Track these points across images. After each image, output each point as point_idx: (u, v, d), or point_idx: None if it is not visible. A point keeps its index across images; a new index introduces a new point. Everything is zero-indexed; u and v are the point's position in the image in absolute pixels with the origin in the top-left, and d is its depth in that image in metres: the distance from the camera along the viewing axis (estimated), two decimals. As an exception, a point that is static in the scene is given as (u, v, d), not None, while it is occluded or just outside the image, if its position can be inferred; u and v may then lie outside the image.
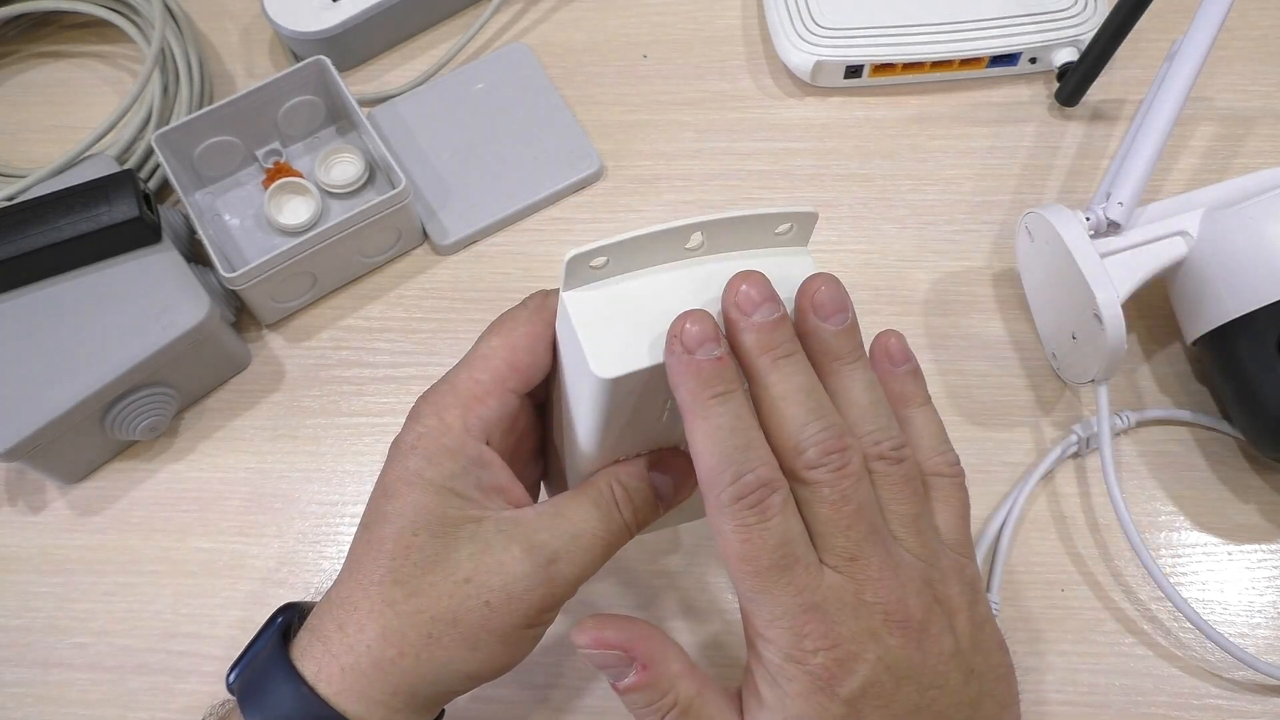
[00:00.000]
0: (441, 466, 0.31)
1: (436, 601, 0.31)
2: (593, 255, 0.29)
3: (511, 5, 0.60)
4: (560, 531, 0.32)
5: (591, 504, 0.32)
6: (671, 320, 0.29)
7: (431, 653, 0.31)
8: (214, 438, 0.50)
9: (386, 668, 0.31)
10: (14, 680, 0.45)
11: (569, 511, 0.32)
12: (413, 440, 0.32)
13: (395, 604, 0.31)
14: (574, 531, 0.32)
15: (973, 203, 0.54)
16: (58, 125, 0.57)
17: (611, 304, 0.29)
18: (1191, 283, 0.46)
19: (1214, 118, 0.55)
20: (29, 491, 0.49)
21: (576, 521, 0.32)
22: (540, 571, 0.31)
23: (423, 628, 0.31)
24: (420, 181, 0.54)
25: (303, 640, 0.32)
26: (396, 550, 0.31)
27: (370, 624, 0.31)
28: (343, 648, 0.31)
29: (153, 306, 0.45)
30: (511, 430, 0.34)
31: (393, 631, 0.31)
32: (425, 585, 0.31)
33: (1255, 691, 0.43)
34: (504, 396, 0.32)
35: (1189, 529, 0.47)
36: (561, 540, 0.31)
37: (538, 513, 0.32)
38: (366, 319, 0.52)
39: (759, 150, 0.55)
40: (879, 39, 0.55)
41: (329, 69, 0.51)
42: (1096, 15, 0.55)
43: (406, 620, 0.31)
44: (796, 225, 0.31)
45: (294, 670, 0.31)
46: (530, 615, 0.31)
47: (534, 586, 0.31)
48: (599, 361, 0.29)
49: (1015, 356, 0.50)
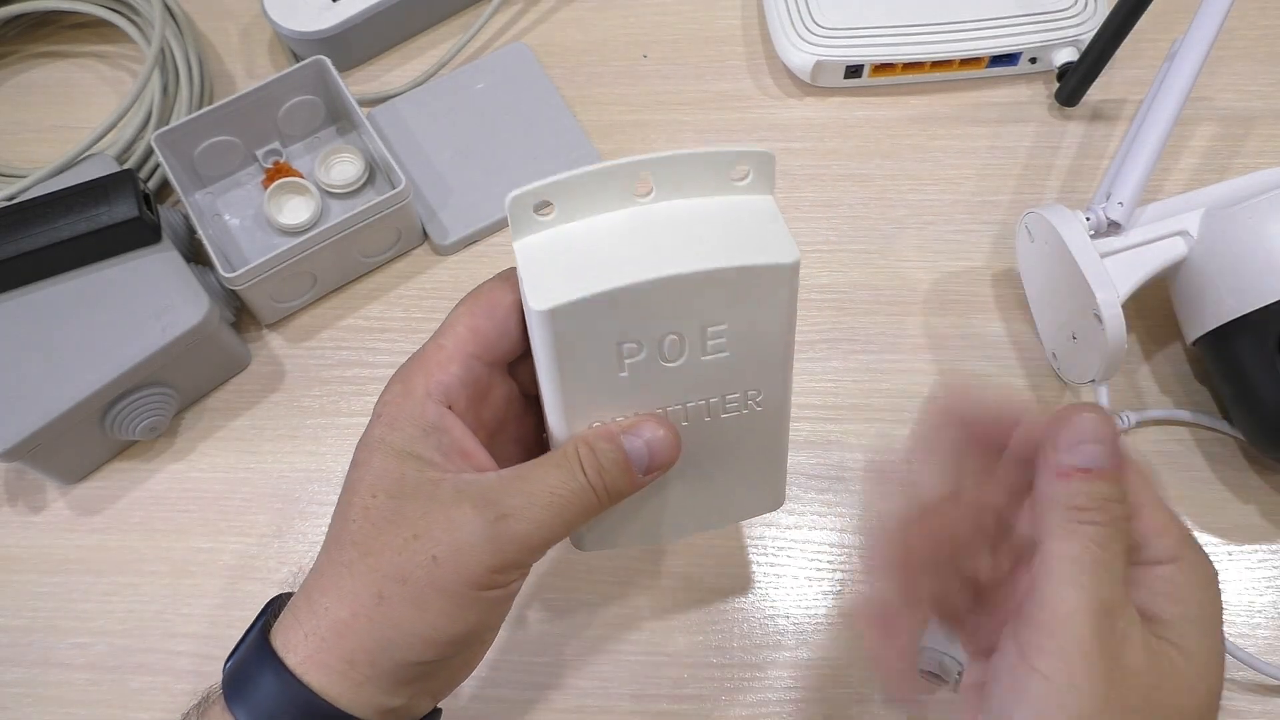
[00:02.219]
0: (402, 431, 0.32)
1: (387, 559, 0.30)
2: (534, 197, 0.29)
3: (511, 5, 0.60)
4: (515, 490, 0.31)
5: (553, 464, 0.32)
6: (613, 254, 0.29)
7: (382, 613, 0.30)
8: (214, 438, 0.50)
9: (342, 630, 0.30)
10: (14, 680, 0.45)
11: (529, 472, 0.32)
12: (379, 409, 0.33)
13: (351, 564, 0.31)
14: (529, 490, 0.31)
15: (973, 203, 0.54)
16: (58, 125, 0.57)
17: (554, 244, 0.30)
18: (1191, 283, 0.46)
19: (1214, 118, 0.55)
20: (29, 491, 0.49)
21: (533, 480, 0.31)
22: (489, 527, 0.30)
23: (373, 586, 0.30)
24: (420, 181, 0.54)
25: (280, 619, 0.32)
26: (357, 514, 0.31)
27: (330, 588, 0.31)
28: (307, 614, 0.31)
29: (153, 306, 0.45)
30: (482, 401, 0.34)
31: (346, 592, 0.31)
32: (377, 544, 0.31)
33: (1255, 691, 0.43)
34: (466, 362, 0.32)
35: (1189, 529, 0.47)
36: (516, 498, 0.31)
37: (499, 475, 0.32)
38: (366, 319, 0.52)
39: (759, 150, 0.55)
40: (879, 39, 0.55)
41: (329, 69, 0.51)
42: (1096, 15, 0.55)
43: (359, 580, 0.31)
44: (754, 169, 0.31)
45: (270, 648, 0.31)
46: (479, 574, 0.31)
47: (481, 542, 0.30)
48: (536, 295, 0.29)
49: (1015, 356, 0.50)
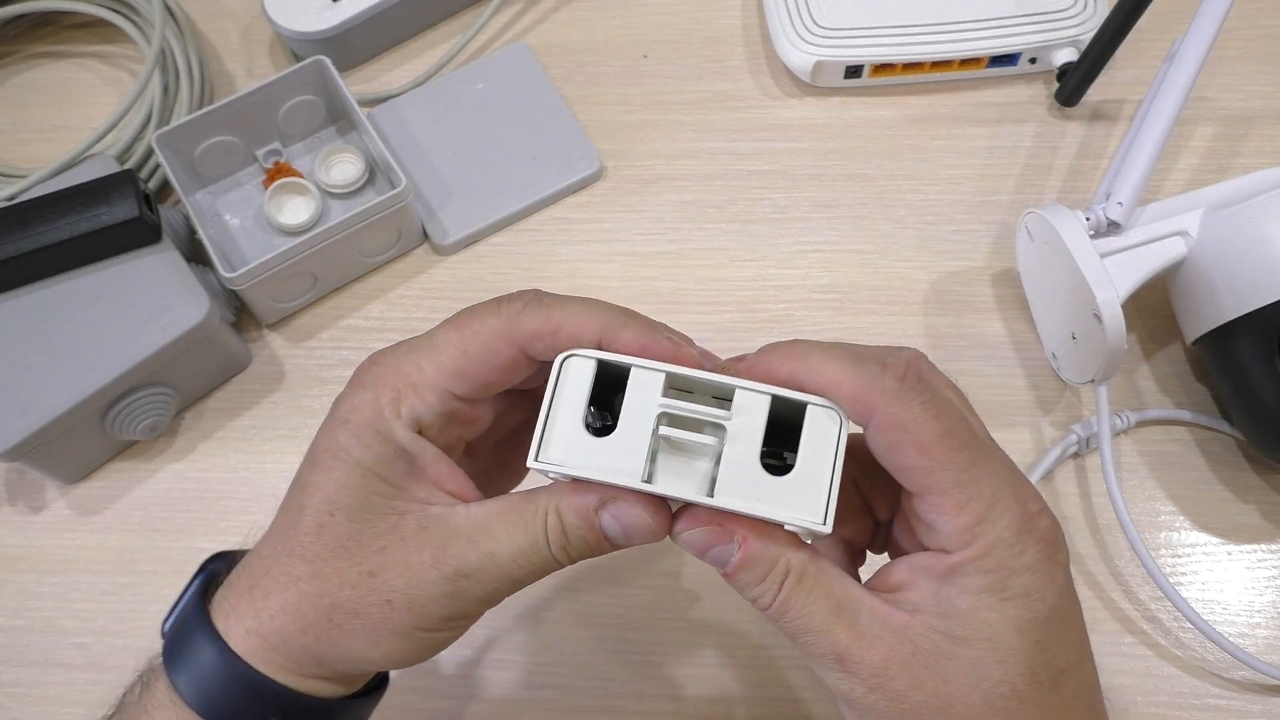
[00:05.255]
0: (370, 448, 0.30)
1: (339, 589, 0.29)
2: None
3: (511, 5, 0.60)
4: (478, 548, 0.29)
5: (521, 527, 0.29)
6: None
7: (332, 637, 0.30)
8: (214, 438, 0.50)
9: (289, 640, 0.30)
10: (14, 680, 0.45)
11: (495, 527, 0.30)
12: (346, 412, 0.30)
13: (299, 581, 0.30)
14: (492, 551, 0.29)
15: (973, 203, 0.54)
16: (58, 125, 0.57)
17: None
18: (1191, 283, 0.46)
19: (1214, 118, 0.55)
20: (29, 491, 0.49)
21: (499, 542, 0.29)
22: (447, 584, 0.29)
23: (323, 612, 0.29)
24: (420, 181, 0.54)
25: (220, 594, 0.31)
26: (311, 526, 0.30)
27: (275, 594, 0.30)
28: (249, 610, 0.30)
29: (153, 306, 0.45)
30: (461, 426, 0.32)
31: (293, 608, 0.30)
32: (330, 570, 0.29)
33: (1255, 691, 0.43)
34: (442, 395, 0.30)
35: (1189, 529, 0.47)
36: (476, 558, 0.29)
37: (466, 515, 0.30)
38: (366, 319, 0.52)
39: (759, 150, 0.55)
40: (879, 39, 0.55)
41: (329, 69, 0.51)
42: (1096, 15, 0.55)
43: (307, 601, 0.30)
44: None
45: (211, 626, 0.30)
46: (433, 622, 0.30)
47: (438, 598, 0.29)
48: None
49: (1015, 356, 0.50)
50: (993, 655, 0.27)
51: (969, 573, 0.27)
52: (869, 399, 0.27)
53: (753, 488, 0.27)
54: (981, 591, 0.27)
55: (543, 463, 0.28)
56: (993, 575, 0.27)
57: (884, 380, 0.27)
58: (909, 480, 0.27)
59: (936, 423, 0.27)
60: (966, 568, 0.27)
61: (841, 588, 0.28)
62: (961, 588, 0.27)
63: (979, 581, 0.27)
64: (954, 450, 0.27)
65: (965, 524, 0.27)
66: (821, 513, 0.27)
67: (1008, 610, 0.27)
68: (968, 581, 0.27)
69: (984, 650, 0.27)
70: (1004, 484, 0.27)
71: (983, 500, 0.27)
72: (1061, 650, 0.27)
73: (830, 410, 0.28)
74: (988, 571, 0.27)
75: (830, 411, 0.28)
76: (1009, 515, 0.27)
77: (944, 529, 0.27)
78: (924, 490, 0.27)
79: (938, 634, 0.27)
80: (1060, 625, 0.27)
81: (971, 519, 0.27)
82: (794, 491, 0.27)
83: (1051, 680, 0.27)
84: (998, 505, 0.27)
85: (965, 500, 0.27)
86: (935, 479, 0.27)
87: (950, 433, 0.27)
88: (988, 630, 0.27)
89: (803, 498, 0.27)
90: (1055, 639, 0.27)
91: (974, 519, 0.27)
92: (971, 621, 0.27)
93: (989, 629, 0.27)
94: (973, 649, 0.27)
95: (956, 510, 0.27)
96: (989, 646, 0.27)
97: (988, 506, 0.27)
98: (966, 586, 0.27)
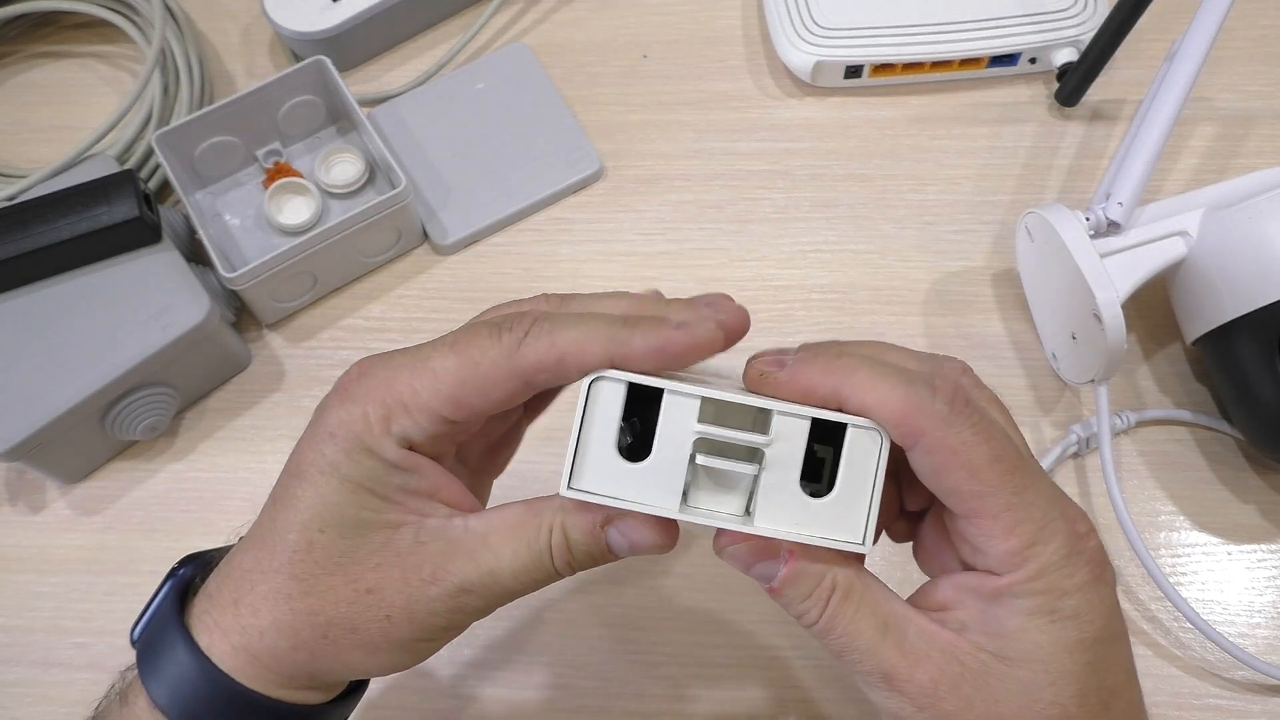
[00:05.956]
0: (359, 464, 0.29)
1: (334, 606, 0.29)
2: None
3: (511, 5, 0.60)
4: (479, 564, 0.29)
5: (525, 543, 0.29)
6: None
7: (329, 651, 0.29)
8: (214, 438, 0.50)
9: (281, 656, 0.29)
10: (14, 680, 0.45)
11: (496, 542, 0.29)
12: (333, 425, 0.30)
13: (291, 599, 0.29)
14: (493, 568, 0.29)
15: (973, 203, 0.54)
16: (58, 125, 0.57)
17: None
18: (1191, 283, 0.46)
19: (1214, 118, 0.55)
20: (29, 491, 0.49)
21: (501, 557, 0.29)
22: (448, 599, 0.29)
23: (318, 629, 0.29)
24: (420, 181, 0.54)
25: (200, 606, 0.30)
26: (299, 543, 0.29)
27: (265, 611, 0.29)
28: (236, 626, 0.29)
29: (153, 306, 0.45)
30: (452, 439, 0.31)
31: (286, 626, 0.29)
32: (324, 587, 0.29)
33: (1255, 691, 0.43)
34: (435, 419, 0.29)
35: (1189, 529, 0.47)
36: (477, 574, 0.29)
37: (465, 528, 0.29)
38: (366, 319, 0.52)
39: (759, 150, 0.55)
40: (879, 39, 0.55)
41: (329, 69, 0.51)
42: (1096, 15, 0.55)
43: (301, 618, 0.29)
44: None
45: (192, 641, 0.29)
46: (433, 633, 0.30)
47: (439, 612, 0.29)
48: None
49: (1015, 356, 0.50)
50: (1044, 677, 0.27)
51: (1019, 594, 0.27)
52: (918, 422, 0.26)
53: (792, 512, 0.27)
54: (1032, 613, 0.27)
55: (576, 491, 0.27)
56: (1043, 597, 0.27)
57: (934, 404, 0.26)
58: (956, 503, 0.27)
59: (986, 447, 0.26)
60: (1016, 589, 0.27)
61: (888, 605, 0.28)
62: (1011, 609, 0.27)
63: (1029, 603, 0.27)
64: (1004, 475, 0.26)
65: (1015, 547, 0.27)
66: (860, 533, 0.27)
67: (1058, 632, 0.27)
68: (1018, 603, 0.27)
69: (1035, 671, 0.27)
70: (1053, 506, 0.27)
71: (1033, 523, 0.27)
72: (1111, 672, 0.27)
73: (872, 431, 0.27)
74: (1038, 594, 0.27)
75: (872, 433, 0.27)
76: (1059, 538, 0.27)
77: (993, 551, 0.27)
78: (971, 513, 0.27)
79: (987, 654, 0.27)
80: (1110, 646, 0.27)
81: (1022, 542, 0.27)
82: (833, 513, 0.27)
83: (1102, 702, 0.27)
84: (1048, 528, 0.27)
85: (1015, 524, 0.27)
86: (985, 503, 0.27)
87: (1000, 456, 0.27)
88: (1039, 652, 0.27)
89: (843, 519, 0.27)
90: (1105, 660, 0.27)
91: (1024, 542, 0.27)
92: (1022, 642, 0.27)
93: (1040, 650, 0.27)
94: (1023, 670, 0.27)
95: (1006, 534, 0.27)
96: (1040, 668, 0.27)
97: (1038, 529, 0.27)
98: (1017, 608, 0.27)
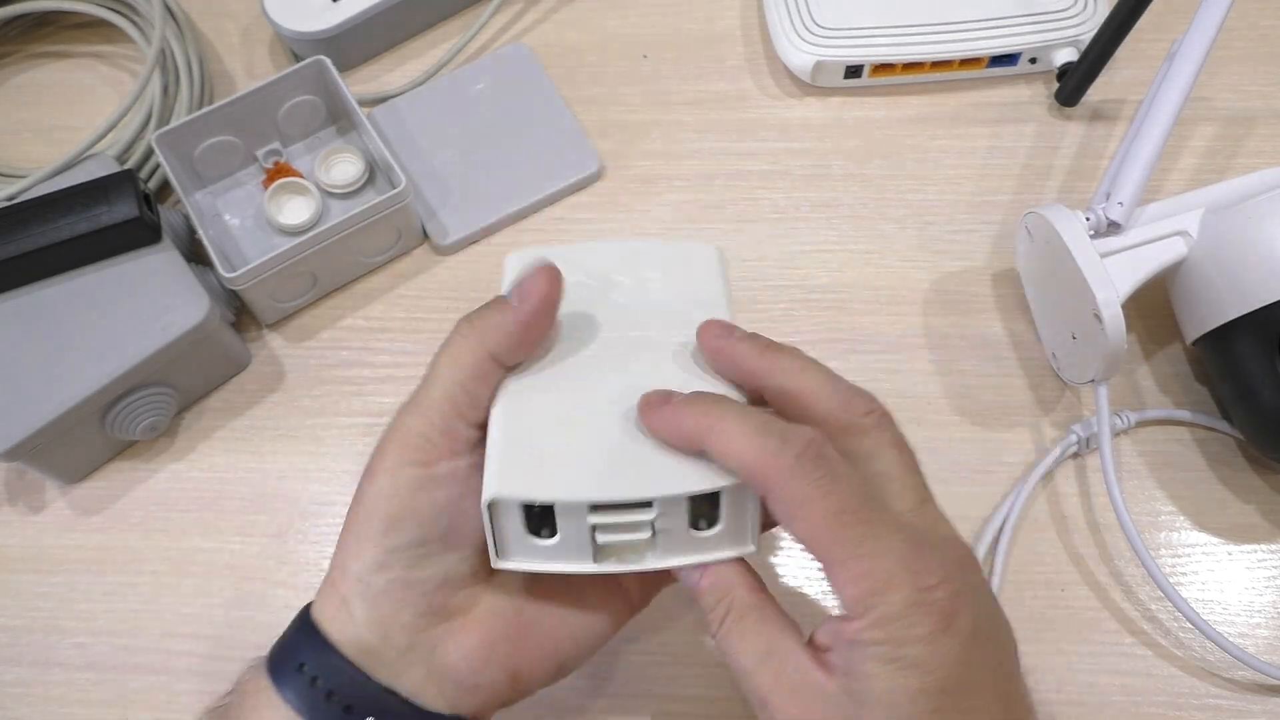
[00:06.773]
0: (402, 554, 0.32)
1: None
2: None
3: (511, 5, 0.60)
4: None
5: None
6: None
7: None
8: (214, 438, 0.50)
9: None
10: (14, 680, 0.45)
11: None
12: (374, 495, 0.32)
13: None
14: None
15: (973, 203, 0.54)
16: (58, 125, 0.57)
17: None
18: (1191, 283, 0.46)
19: (1214, 118, 0.55)
20: (29, 491, 0.49)
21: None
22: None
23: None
24: (420, 181, 0.54)
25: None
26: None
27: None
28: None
29: (153, 306, 0.45)
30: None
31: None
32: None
33: (1255, 691, 0.43)
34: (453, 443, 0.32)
35: (1189, 529, 0.47)
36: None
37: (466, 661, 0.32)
38: (366, 319, 0.52)
39: (759, 150, 0.55)
40: (879, 39, 0.55)
41: (329, 69, 0.51)
42: (1096, 15, 0.55)
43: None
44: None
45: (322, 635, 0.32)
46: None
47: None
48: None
49: (1015, 356, 0.50)
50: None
51: (865, 642, 0.28)
52: (767, 475, 0.29)
53: (685, 546, 0.31)
54: (879, 660, 0.28)
55: (503, 563, 0.32)
56: (886, 646, 0.28)
57: (781, 456, 0.28)
58: (809, 549, 0.29)
59: (826, 501, 0.28)
60: (862, 636, 0.28)
61: (779, 636, 0.30)
62: (864, 654, 0.28)
63: (875, 651, 0.28)
64: (845, 527, 0.28)
65: (858, 595, 0.28)
66: (747, 542, 0.32)
67: (901, 680, 0.27)
68: (867, 650, 0.28)
69: (882, 716, 0.27)
70: (898, 559, 0.28)
71: (876, 575, 0.28)
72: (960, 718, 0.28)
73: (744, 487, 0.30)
74: (881, 642, 0.28)
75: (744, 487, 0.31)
76: (903, 589, 0.27)
77: (842, 598, 0.28)
78: (822, 560, 0.29)
79: (846, 697, 0.28)
80: (957, 695, 0.28)
81: (863, 591, 0.28)
82: (722, 537, 0.31)
83: None
84: (894, 579, 0.28)
85: (859, 574, 0.28)
86: (829, 553, 0.28)
87: (843, 509, 0.28)
88: (886, 697, 0.27)
89: (731, 538, 0.32)
90: (955, 708, 0.28)
91: (865, 591, 0.28)
92: (873, 688, 0.28)
93: (887, 695, 0.27)
94: (874, 714, 0.27)
95: (850, 582, 0.28)
96: (885, 714, 0.27)
97: (882, 580, 0.28)
98: (867, 654, 0.28)
